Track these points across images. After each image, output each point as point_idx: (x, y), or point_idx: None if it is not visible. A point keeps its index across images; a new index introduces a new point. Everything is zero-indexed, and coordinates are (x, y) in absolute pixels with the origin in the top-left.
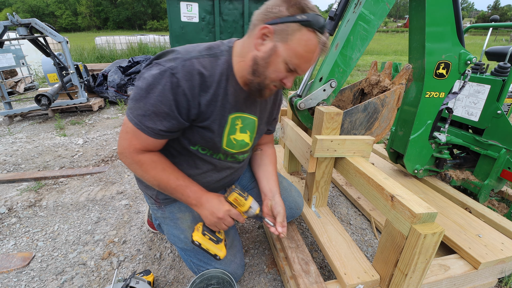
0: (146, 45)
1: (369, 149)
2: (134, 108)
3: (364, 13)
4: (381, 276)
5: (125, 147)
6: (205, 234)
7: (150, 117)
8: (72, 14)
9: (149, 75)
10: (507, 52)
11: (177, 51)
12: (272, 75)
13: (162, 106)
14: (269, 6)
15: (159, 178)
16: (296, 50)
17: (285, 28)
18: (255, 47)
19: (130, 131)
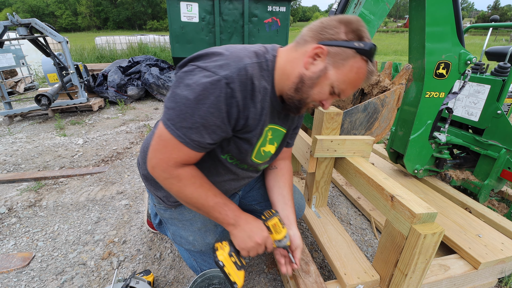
0: (146, 45)
1: (369, 149)
2: (177, 120)
3: (364, 13)
4: (381, 276)
5: (162, 160)
6: (231, 255)
7: (198, 130)
8: (72, 14)
9: (197, 83)
10: (507, 52)
11: (225, 54)
12: (315, 96)
13: (214, 118)
14: (325, 25)
15: (197, 195)
16: (346, 77)
17: (340, 53)
18: (304, 65)
19: (169, 143)
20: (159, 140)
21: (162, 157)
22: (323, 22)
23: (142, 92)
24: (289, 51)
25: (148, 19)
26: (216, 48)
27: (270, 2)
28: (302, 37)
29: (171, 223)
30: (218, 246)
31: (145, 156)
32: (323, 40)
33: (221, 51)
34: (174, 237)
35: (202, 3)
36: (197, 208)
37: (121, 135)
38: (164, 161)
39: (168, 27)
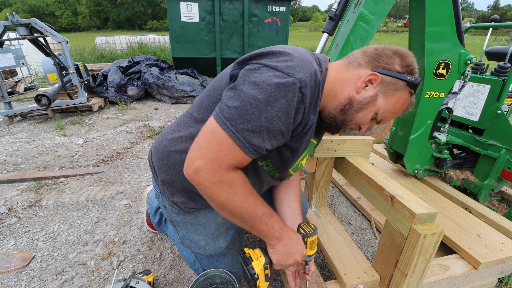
0: (146, 45)
1: (369, 149)
2: (240, 121)
3: (364, 13)
4: (381, 276)
5: (213, 162)
6: (266, 267)
7: (261, 134)
8: (72, 14)
9: (267, 82)
10: (507, 52)
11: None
12: (359, 120)
13: (280, 123)
14: (380, 53)
15: (247, 203)
16: (393, 106)
17: (393, 83)
18: (356, 89)
19: (224, 144)
20: (211, 139)
21: (214, 157)
22: (378, 49)
23: (142, 92)
24: (340, 69)
25: (148, 19)
26: (280, 47)
27: (270, 2)
28: (355, 59)
29: (182, 227)
30: (252, 255)
31: (163, 157)
32: (378, 67)
33: (288, 51)
34: (183, 240)
35: (202, 3)
36: (241, 219)
37: (121, 135)
38: (216, 163)
39: (168, 27)
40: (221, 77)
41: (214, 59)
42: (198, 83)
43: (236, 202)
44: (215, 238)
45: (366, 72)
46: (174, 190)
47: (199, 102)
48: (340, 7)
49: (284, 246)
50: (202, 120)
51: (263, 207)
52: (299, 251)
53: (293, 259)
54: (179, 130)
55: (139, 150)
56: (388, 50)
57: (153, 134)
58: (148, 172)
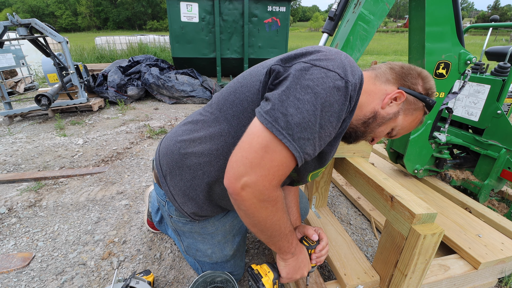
0: (146, 45)
1: (369, 149)
2: (297, 129)
3: (364, 13)
4: (381, 276)
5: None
6: (275, 283)
7: (314, 141)
8: (72, 14)
9: (321, 85)
10: (507, 52)
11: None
12: (377, 133)
13: (331, 128)
14: (406, 72)
15: (282, 221)
16: (409, 124)
17: (415, 103)
18: (382, 104)
19: (279, 158)
20: (264, 153)
21: (266, 174)
22: (404, 68)
23: (142, 92)
24: (367, 81)
25: (148, 19)
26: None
27: (270, 2)
28: (383, 74)
29: (188, 236)
30: (260, 271)
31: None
32: (404, 86)
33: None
34: (188, 249)
35: (202, 3)
36: (269, 236)
37: (121, 135)
38: (268, 180)
39: (168, 27)
40: (251, 74)
41: (214, 59)
42: (198, 83)
43: (274, 220)
44: (222, 246)
45: (393, 89)
46: (186, 198)
47: (221, 99)
48: (340, 7)
49: (296, 260)
50: (225, 118)
51: (291, 224)
52: (306, 266)
53: (300, 272)
54: (196, 131)
55: (139, 150)
56: (413, 70)
57: (153, 134)
58: (148, 172)
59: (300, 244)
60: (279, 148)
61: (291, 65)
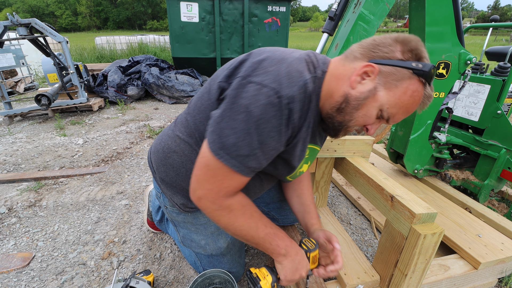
0: (146, 45)
1: (369, 149)
2: (233, 149)
3: (364, 13)
4: (381, 276)
5: (211, 191)
6: (273, 286)
7: (256, 156)
8: (72, 14)
9: (255, 104)
10: (507, 52)
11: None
12: (360, 119)
13: (274, 142)
14: (378, 42)
15: (247, 226)
16: (399, 100)
17: (394, 73)
18: (351, 84)
19: (221, 173)
20: (206, 171)
21: (212, 187)
22: (375, 40)
23: (142, 92)
24: (336, 66)
25: (148, 19)
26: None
27: (270, 2)
28: (351, 52)
29: (182, 226)
30: (259, 274)
31: (162, 158)
32: (375, 58)
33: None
34: (183, 239)
35: (202, 3)
36: (245, 239)
37: (121, 135)
38: (214, 192)
39: (168, 27)
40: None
41: (214, 59)
42: (198, 83)
43: (236, 226)
44: (215, 237)
45: (361, 65)
46: (174, 190)
47: (193, 104)
48: (340, 7)
49: (291, 262)
50: (194, 123)
51: (266, 228)
52: (304, 268)
53: (298, 274)
54: (177, 131)
55: (139, 150)
56: (387, 38)
57: (153, 134)
58: (148, 172)
59: (296, 246)
60: (218, 166)
61: (232, 81)
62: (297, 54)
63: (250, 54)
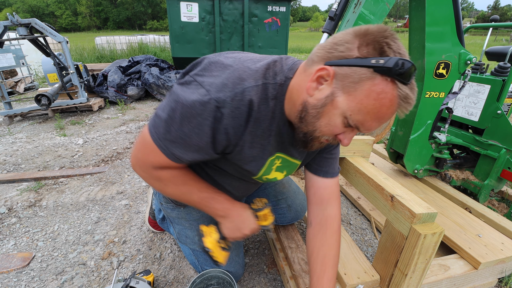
0: (146, 45)
1: (369, 149)
2: (162, 130)
3: (364, 13)
4: (381, 276)
5: (141, 161)
6: (219, 242)
7: (179, 145)
8: (72, 14)
9: (188, 98)
10: (507, 52)
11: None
12: (324, 129)
13: (197, 139)
14: (336, 41)
15: (179, 192)
16: (361, 104)
17: (350, 74)
18: (307, 91)
19: (150, 148)
20: (142, 142)
21: (141, 157)
22: (335, 37)
23: (142, 92)
24: (300, 71)
25: (148, 19)
26: (224, 58)
27: (270, 2)
28: (311, 55)
29: (177, 223)
30: (205, 231)
31: None
32: (331, 59)
33: (228, 63)
34: (179, 236)
35: (202, 3)
36: (185, 202)
37: (121, 135)
38: (142, 162)
39: (168, 27)
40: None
41: None
42: None
43: (168, 191)
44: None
45: (315, 69)
46: None
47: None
48: (340, 7)
49: (232, 222)
50: None
51: (201, 192)
52: (248, 227)
53: (241, 232)
54: None
55: None
56: (347, 34)
57: None
58: None
59: (238, 208)
60: (149, 142)
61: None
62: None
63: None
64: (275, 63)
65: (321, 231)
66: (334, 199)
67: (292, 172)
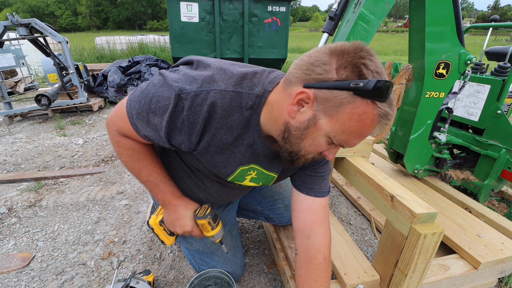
0: (146, 45)
1: (369, 149)
2: (135, 100)
3: (364, 13)
4: (381, 276)
5: (111, 121)
6: (161, 224)
7: (142, 119)
8: (72, 14)
9: (162, 83)
10: (507, 52)
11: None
12: (309, 148)
13: (157, 119)
14: (312, 60)
15: (131, 166)
16: (344, 126)
17: (331, 97)
18: (289, 114)
19: (121, 112)
20: (119, 105)
21: (113, 118)
22: (310, 56)
23: None
24: (280, 89)
25: (148, 19)
26: (207, 58)
27: (270, 2)
28: (288, 75)
29: None
30: (157, 210)
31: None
32: (309, 81)
33: (209, 63)
34: None
35: (202, 3)
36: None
37: None
38: (112, 123)
39: (168, 27)
40: None
41: None
42: None
43: (122, 160)
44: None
45: (296, 91)
46: None
47: None
48: (340, 7)
49: (168, 215)
50: None
51: (149, 176)
52: (180, 226)
53: (173, 228)
54: None
55: None
56: (323, 53)
57: None
58: None
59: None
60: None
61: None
62: (236, 70)
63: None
64: (255, 74)
65: (304, 264)
66: (319, 224)
67: (270, 183)
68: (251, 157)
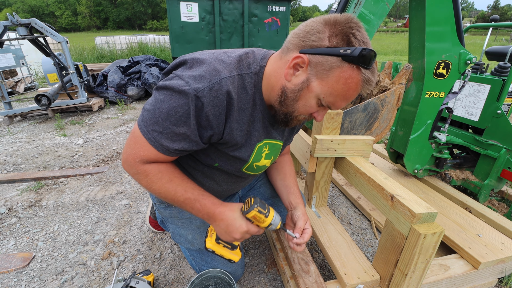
0: (146, 45)
1: (369, 149)
2: (150, 122)
3: (364, 13)
4: (381, 276)
5: (130, 156)
6: (219, 242)
7: (168, 136)
8: (72, 14)
9: (171, 94)
10: (507, 52)
11: (204, 64)
12: (301, 109)
13: (183, 128)
14: (308, 29)
15: (165, 190)
16: (333, 89)
17: (323, 62)
18: (285, 77)
19: (139, 142)
20: (131, 137)
21: (131, 152)
22: (307, 26)
23: (142, 92)
24: (275, 59)
25: (148, 19)
26: (201, 55)
27: (270, 2)
28: (286, 43)
29: (171, 222)
30: (209, 231)
31: None
32: (304, 47)
33: (203, 58)
34: (173, 235)
35: (202, 3)
36: (171, 202)
37: (121, 135)
38: (132, 157)
39: (168, 27)
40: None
41: None
42: None
43: (154, 189)
44: (201, 232)
45: (292, 56)
46: None
47: None
48: (340, 7)
49: (218, 227)
50: None
51: (186, 193)
52: (235, 231)
53: (231, 237)
54: None
55: None
56: (318, 23)
57: None
58: None
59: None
60: (139, 136)
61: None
62: (233, 55)
63: (183, 56)
64: (247, 55)
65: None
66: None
67: (277, 156)
68: (264, 132)
